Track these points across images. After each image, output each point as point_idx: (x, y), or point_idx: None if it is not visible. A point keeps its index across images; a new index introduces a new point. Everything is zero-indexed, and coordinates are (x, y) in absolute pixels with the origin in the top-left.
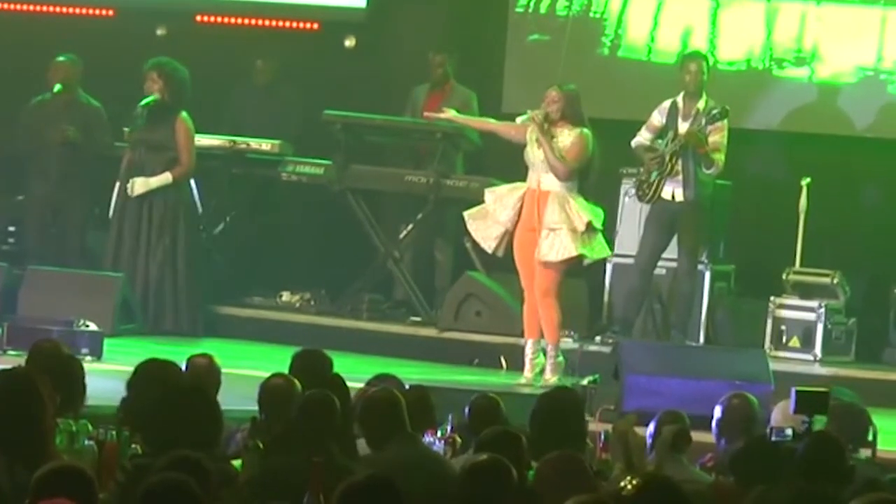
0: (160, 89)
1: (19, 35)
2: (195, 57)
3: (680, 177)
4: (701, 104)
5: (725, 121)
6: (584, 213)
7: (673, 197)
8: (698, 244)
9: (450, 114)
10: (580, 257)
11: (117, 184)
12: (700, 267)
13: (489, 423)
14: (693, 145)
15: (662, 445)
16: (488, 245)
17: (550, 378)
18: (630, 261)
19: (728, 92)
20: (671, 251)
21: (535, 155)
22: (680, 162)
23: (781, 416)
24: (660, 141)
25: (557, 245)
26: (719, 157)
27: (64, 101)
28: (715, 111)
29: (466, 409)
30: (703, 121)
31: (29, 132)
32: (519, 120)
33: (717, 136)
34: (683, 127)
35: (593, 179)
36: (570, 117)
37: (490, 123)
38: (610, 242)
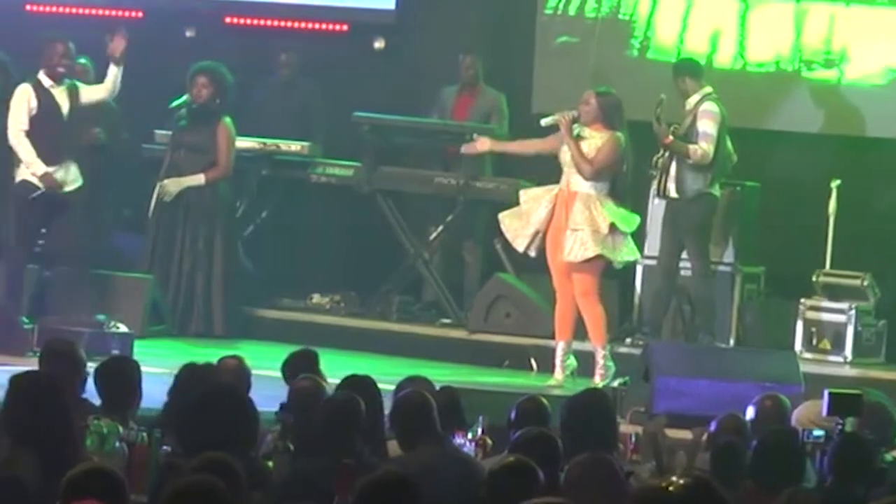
0: (210, 94)
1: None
2: (224, 58)
3: (674, 172)
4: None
5: (717, 109)
6: (608, 215)
7: (669, 192)
8: (700, 244)
9: (487, 144)
10: (605, 259)
11: (157, 185)
12: (728, 269)
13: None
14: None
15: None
16: (519, 244)
17: (599, 384)
18: None
19: (757, 93)
20: None
21: (566, 156)
22: (673, 158)
23: (805, 416)
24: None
25: (578, 245)
26: (698, 146)
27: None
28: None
29: (513, 412)
30: (657, 111)
31: None
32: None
33: (702, 126)
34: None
35: (624, 184)
36: (605, 121)
37: (531, 144)
38: (640, 244)
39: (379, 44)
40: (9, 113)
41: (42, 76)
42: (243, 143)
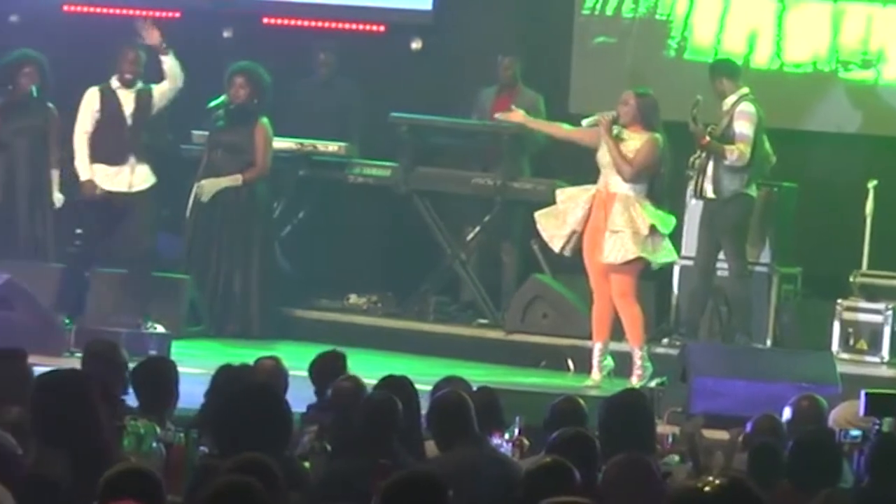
0: (247, 94)
1: (86, 37)
2: (262, 59)
3: (711, 173)
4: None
5: (754, 110)
6: (648, 216)
7: (706, 193)
8: (737, 244)
9: (520, 116)
10: (644, 260)
11: (195, 185)
12: (765, 269)
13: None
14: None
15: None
16: (556, 244)
17: (636, 384)
18: None
19: (794, 94)
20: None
21: (604, 157)
22: (710, 159)
23: (842, 417)
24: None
25: (619, 247)
26: (735, 147)
27: None
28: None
29: (548, 412)
30: (693, 112)
31: None
32: (585, 122)
33: (739, 127)
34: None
35: (662, 186)
36: (643, 122)
37: (562, 129)
38: (677, 245)
39: (416, 44)
40: (47, 113)
41: (114, 80)
42: (281, 143)
